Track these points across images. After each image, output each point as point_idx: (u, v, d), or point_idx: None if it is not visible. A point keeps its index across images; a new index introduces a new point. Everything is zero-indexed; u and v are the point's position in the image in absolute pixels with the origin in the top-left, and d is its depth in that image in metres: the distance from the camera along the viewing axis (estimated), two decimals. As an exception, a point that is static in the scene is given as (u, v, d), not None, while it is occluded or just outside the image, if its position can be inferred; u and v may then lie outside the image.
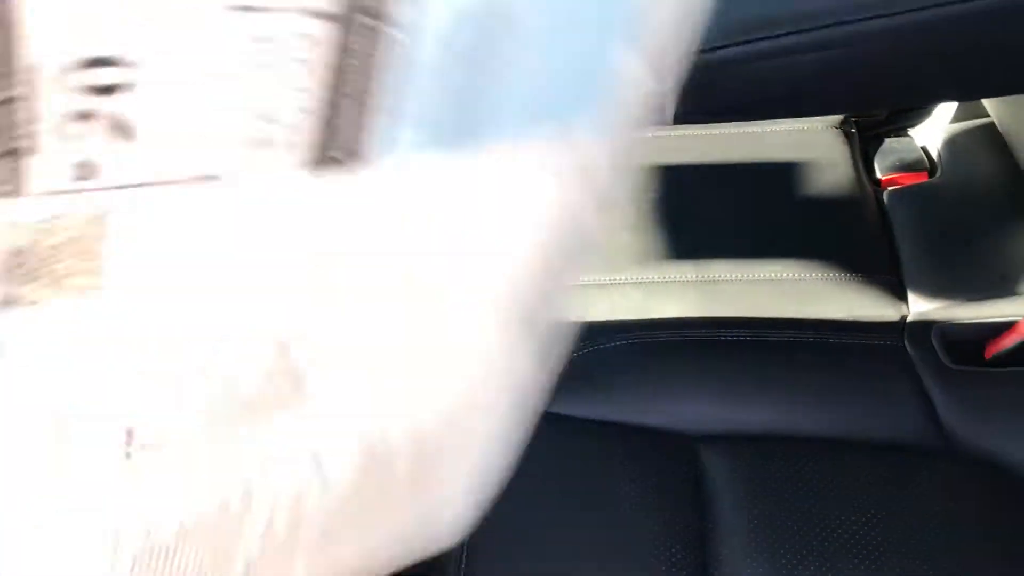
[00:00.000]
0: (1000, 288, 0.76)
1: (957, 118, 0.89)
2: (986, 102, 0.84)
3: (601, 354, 0.78)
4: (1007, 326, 0.72)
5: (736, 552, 0.62)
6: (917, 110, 0.92)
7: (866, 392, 0.71)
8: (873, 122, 0.92)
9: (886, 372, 0.72)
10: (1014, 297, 0.75)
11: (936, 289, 0.78)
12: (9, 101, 0.19)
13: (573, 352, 0.78)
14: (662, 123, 0.28)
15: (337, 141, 0.23)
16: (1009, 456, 0.67)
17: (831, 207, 0.85)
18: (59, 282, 0.22)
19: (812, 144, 0.89)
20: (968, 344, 0.73)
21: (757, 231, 0.84)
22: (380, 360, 0.28)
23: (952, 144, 0.88)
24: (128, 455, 0.25)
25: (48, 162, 0.20)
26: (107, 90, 0.20)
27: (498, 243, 0.27)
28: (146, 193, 0.22)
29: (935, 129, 0.91)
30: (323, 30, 0.21)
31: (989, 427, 0.69)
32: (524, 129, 0.25)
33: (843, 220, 0.84)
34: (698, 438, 0.71)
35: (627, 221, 0.86)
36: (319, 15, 0.21)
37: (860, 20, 0.50)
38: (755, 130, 0.90)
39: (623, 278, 0.84)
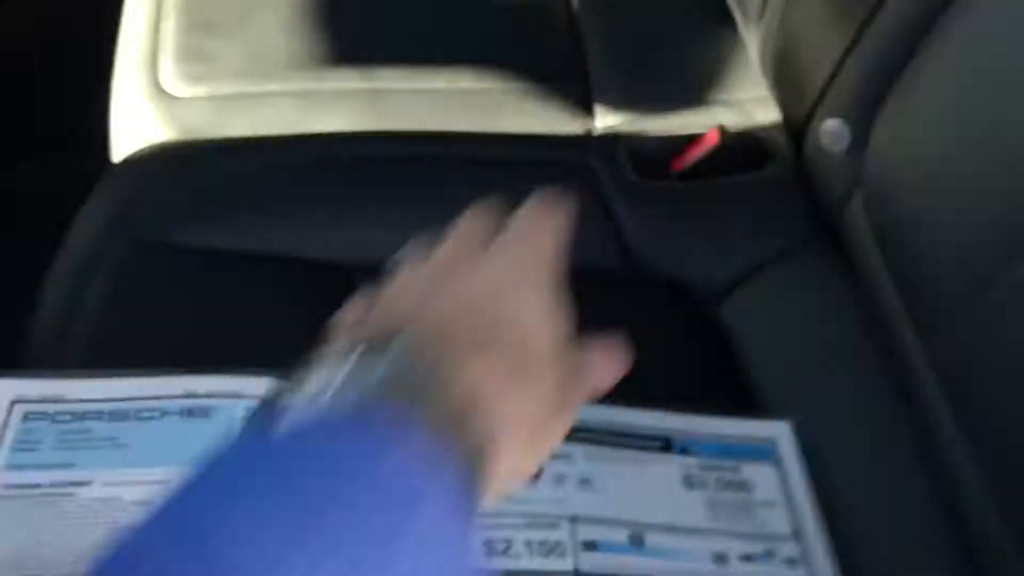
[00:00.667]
0: (690, 98, 0.70)
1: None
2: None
3: (243, 176, 0.63)
4: (692, 139, 0.66)
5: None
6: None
7: None
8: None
9: (570, 191, 0.64)
10: (703, 107, 0.69)
11: (624, 101, 0.70)
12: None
13: (207, 174, 0.63)
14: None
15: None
16: (691, 277, 0.61)
17: (515, 10, 0.74)
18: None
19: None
20: (656, 159, 0.66)
21: (432, 35, 0.72)
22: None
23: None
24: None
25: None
26: None
27: None
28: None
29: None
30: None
31: (670, 246, 0.62)
32: None
33: (527, 25, 0.74)
34: (355, 269, 0.59)
35: (280, 20, 0.71)
36: None
37: None
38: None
39: (274, 87, 0.69)
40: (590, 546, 0.46)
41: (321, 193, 0.63)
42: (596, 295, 0.60)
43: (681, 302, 0.60)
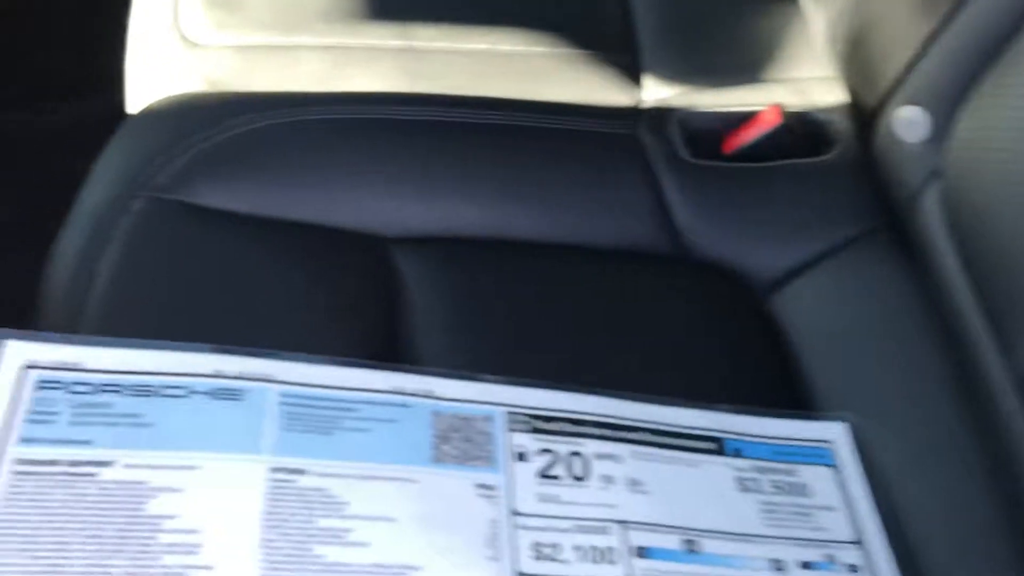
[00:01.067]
0: (745, 74, 0.66)
1: None
2: None
3: (271, 133, 0.60)
4: (748, 116, 0.62)
5: (435, 363, 0.49)
6: None
7: (594, 188, 0.59)
8: None
9: (617, 165, 0.60)
10: (760, 84, 0.65)
11: (675, 73, 0.66)
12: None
13: (232, 129, 0.59)
14: None
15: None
16: (740, 262, 0.58)
17: (561, -30, 0.70)
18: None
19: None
20: (708, 136, 0.62)
21: (475, -9, 0.68)
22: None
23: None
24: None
25: None
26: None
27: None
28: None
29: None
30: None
31: (723, 230, 0.59)
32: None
33: (576, -13, 0.70)
34: (392, 240, 0.56)
35: (312, -32, 0.67)
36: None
37: None
38: None
39: (305, 40, 0.65)
40: (642, 552, 0.44)
41: (353, 156, 0.59)
42: (641, 277, 0.57)
43: (731, 290, 0.57)
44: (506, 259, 0.56)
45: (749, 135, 0.61)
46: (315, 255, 0.55)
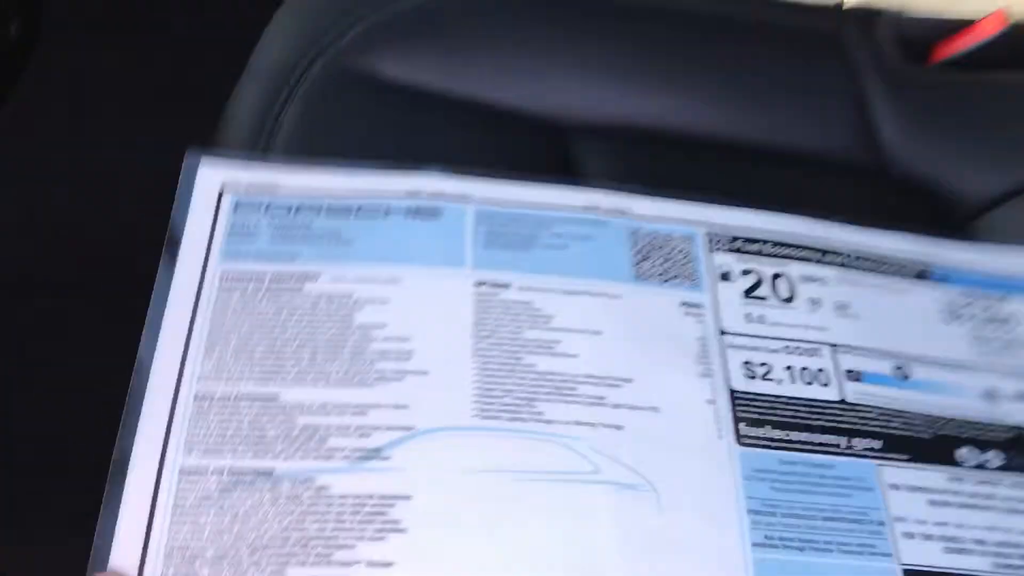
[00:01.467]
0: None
1: None
2: None
3: (452, 5, 0.56)
4: (965, 24, 0.56)
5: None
6: None
7: (793, 89, 0.55)
8: None
9: (819, 67, 0.56)
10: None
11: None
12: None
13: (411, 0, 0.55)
14: None
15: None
16: (947, 182, 0.53)
17: None
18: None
19: None
20: (918, 42, 0.57)
21: None
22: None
23: None
24: None
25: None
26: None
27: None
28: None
29: None
30: None
31: (930, 146, 0.54)
32: None
33: None
34: (570, 128, 0.52)
35: None
36: None
37: None
38: None
39: None
40: (854, 376, 0.42)
41: (539, 34, 0.55)
42: (837, 190, 0.54)
43: (934, 211, 0.53)
44: (690, 156, 0.52)
45: (966, 42, 0.55)
46: (492, 134, 0.52)
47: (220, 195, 0.44)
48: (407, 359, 0.39)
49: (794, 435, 0.40)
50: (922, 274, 0.46)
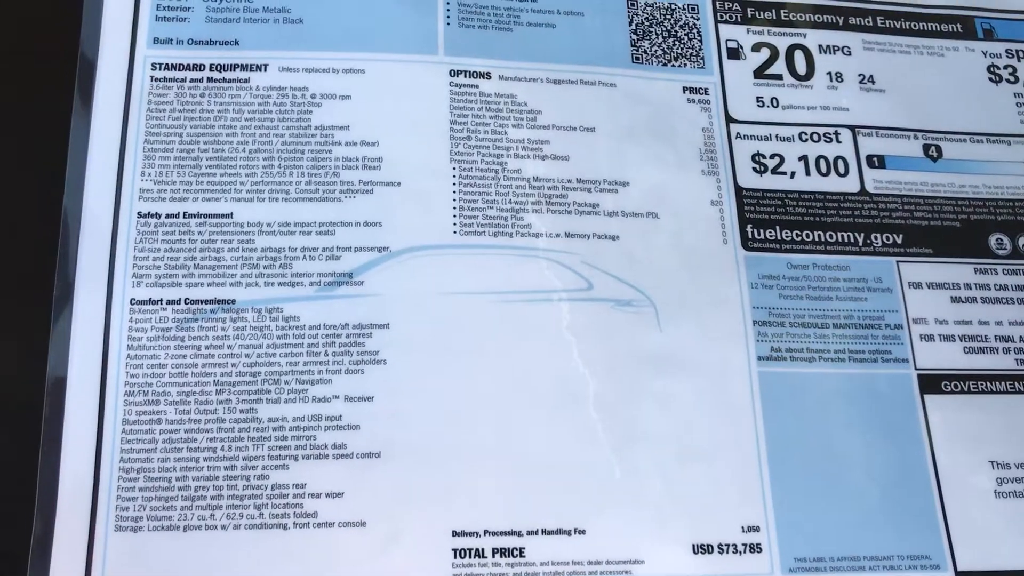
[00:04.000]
0: None
1: None
2: None
3: None
4: None
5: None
6: None
7: None
8: None
9: None
10: None
11: None
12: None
13: None
14: None
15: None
16: None
17: None
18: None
19: None
20: None
21: None
22: None
23: None
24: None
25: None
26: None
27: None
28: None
29: None
30: None
31: None
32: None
33: None
34: None
35: None
36: None
37: None
38: None
39: None
40: (877, 161, 0.38)
41: None
42: None
43: None
44: None
45: None
46: None
47: None
48: (376, 168, 0.35)
49: (806, 235, 0.36)
50: (963, 30, 0.41)
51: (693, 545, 0.32)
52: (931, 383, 0.35)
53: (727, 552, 0.32)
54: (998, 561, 0.33)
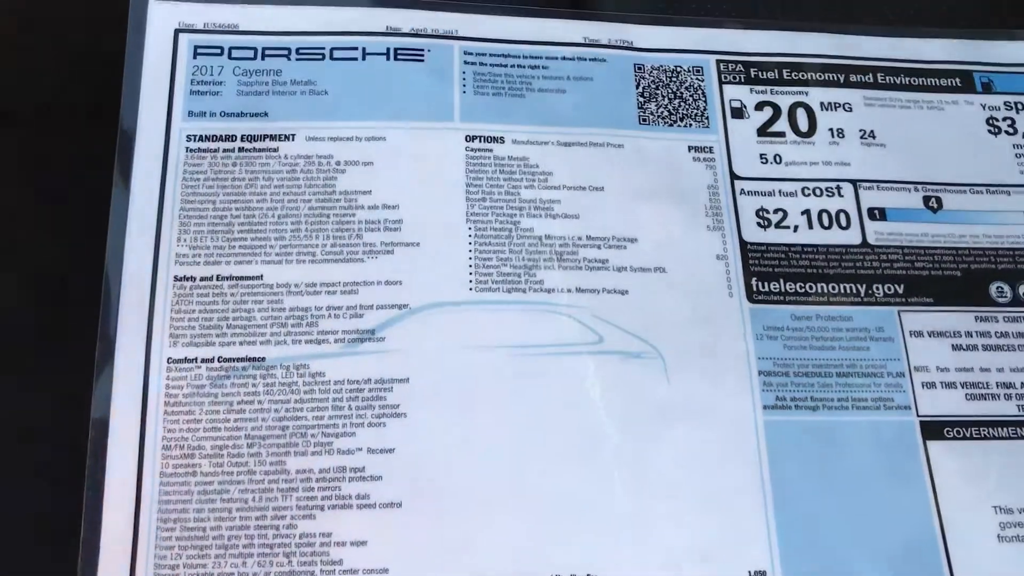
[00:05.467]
0: None
1: None
2: None
3: None
4: None
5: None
6: None
7: None
8: None
9: None
10: None
11: None
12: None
13: None
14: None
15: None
16: None
17: None
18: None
19: None
20: None
21: None
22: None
23: None
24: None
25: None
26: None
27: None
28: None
29: None
30: None
31: None
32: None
33: None
34: None
35: None
36: None
37: None
38: None
39: None
40: (878, 214, 0.39)
41: None
42: None
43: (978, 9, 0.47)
44: None
45: None
46: None
47: (178, 37, 0.40)
48: (397, 230, 0.37)
49: (809, 287, 0.38)
50: (962, 84, 0.42)
51: (702, 590, 0.33)
52: (934, 430, 0.36)
53: (735, 597, 0.33)
54: (1002, 605, 0.34)
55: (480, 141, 0.39)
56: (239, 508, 0.33)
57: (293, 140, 0.38)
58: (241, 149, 0.38)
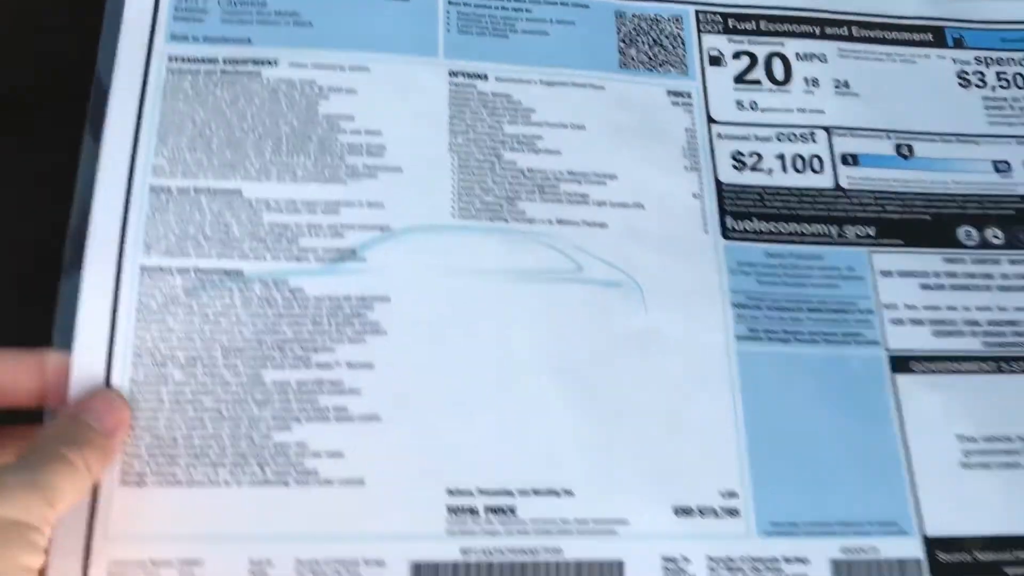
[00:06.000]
0: None
1: None
2: None
3: None
4: None
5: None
6: None
7: None
8: None
9: None
10: None
11: None
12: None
13: None
14: None
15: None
16: None
17: None
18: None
19: None
20: None
21: None
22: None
23: None
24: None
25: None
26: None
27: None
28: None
29: None
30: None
31: None
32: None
33: None
34: None
35: None
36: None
37: None
38: None
39: None
40: (851, 159, 0.40)
41: None
42: None
43: None
44: None
45: None
46: None
47: None
48: (379, 155, 0.37)
49: (782, 226, 0.39)
50: (934, 39, 0.43)
51: (674, 508, 0.33)
52: (901, 363, 0.37)
53: (706, 515, 0.33)
54: (964, 528, 0.34)
55: (463, 77, 0.39)
56: (212, 418, 0.33)
57: (276, 65, 0.38)
58: (223, 72, 0.38)
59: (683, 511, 0.33)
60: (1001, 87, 0.43)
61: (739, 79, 0.41)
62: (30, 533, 0.26)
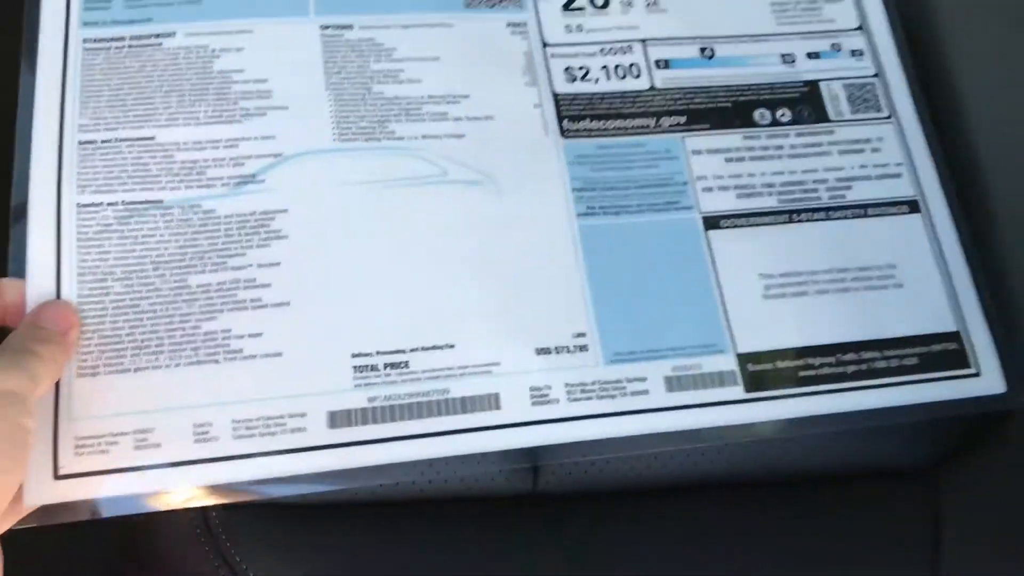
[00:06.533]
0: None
1: None
2: None
3: None
4: None
5: None
6: None
7: None
8: None
9: None
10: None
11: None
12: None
13: None
14: None
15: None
16: None
17: None
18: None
19: None
20: None
21: None
22: None
23: None
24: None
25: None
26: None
27: None
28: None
29: None
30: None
31: None
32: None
33: None
34: None
35: None
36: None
37: None
38: None
39: None
40: (663, 64, 0.48)
41: None
42: None
43: None
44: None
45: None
46: None
47: None
48: (268, 97, 0.44)
49: (610, 123, 0.47)
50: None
51: (536, 348, 0.42)
52: (712, 222, 0.45)
53: (562, 352, 0.42)
54: (765, 343, 0.43)
55: (333, 29, 0.47)
56: (149, 317, 0.40)
57: (174, 37, 0.45)
58: (130, 47, 0.45)
59: (543, 351, 0.42)
60: (784, -9, 0.51)
61: (566, 7, 0.49)
62: (24, 401, 0.33)
